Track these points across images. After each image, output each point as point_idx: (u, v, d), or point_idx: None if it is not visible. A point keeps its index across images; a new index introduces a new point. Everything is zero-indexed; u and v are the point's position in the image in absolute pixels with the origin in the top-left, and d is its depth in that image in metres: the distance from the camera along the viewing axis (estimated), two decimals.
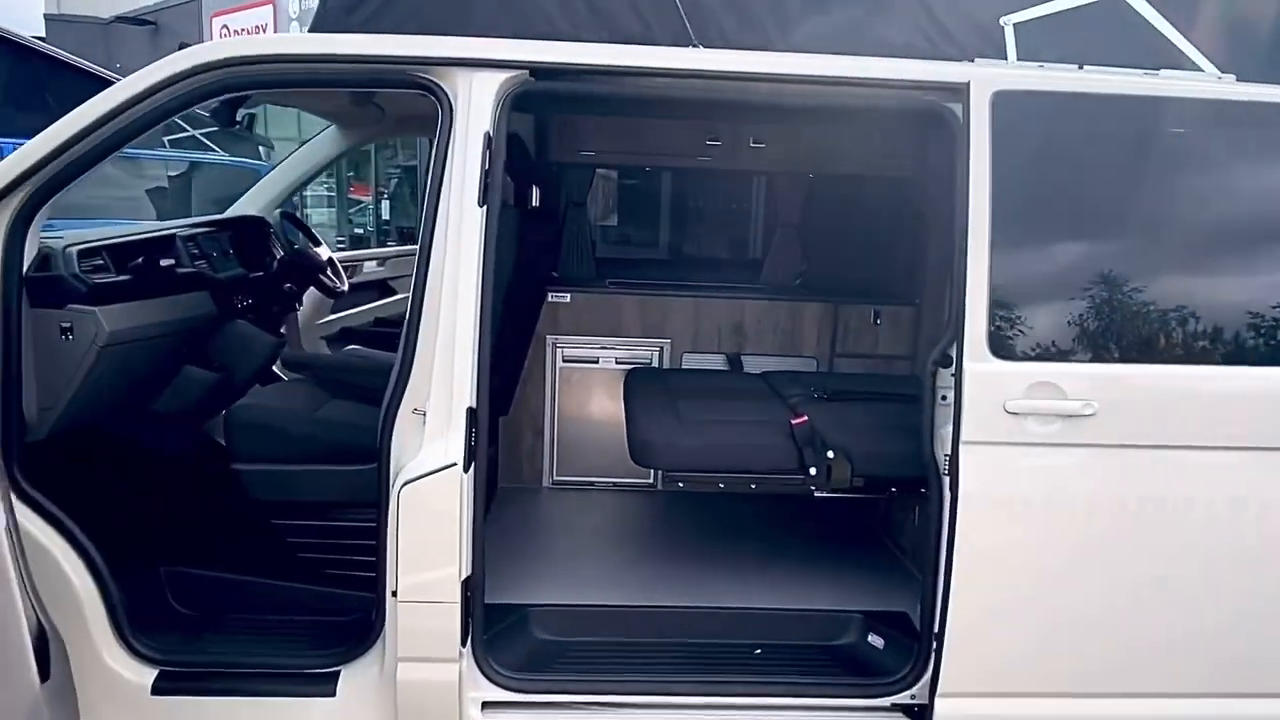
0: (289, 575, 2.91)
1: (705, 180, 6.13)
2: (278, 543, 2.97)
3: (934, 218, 3.81)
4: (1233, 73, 2.55)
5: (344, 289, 4.21)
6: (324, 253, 4.12)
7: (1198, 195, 2.46)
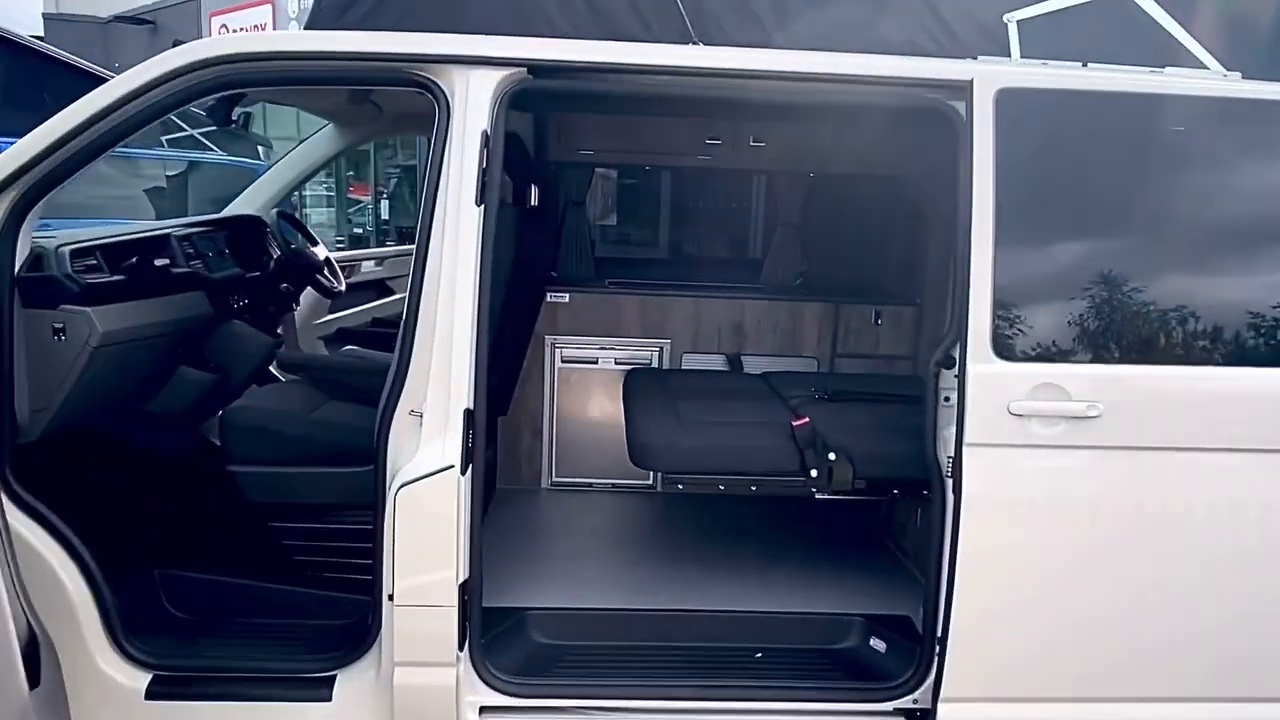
0: (285, 578, 2.89)
1: (705, 179, 6.12)
2: (274, 546, 2.96)
3: (936, 217, 3.79)
4: (1237, 70, 2.52)
5: (341, 289, 4.19)
6: (321, 252, 4.10)
7: (1203, 194, 2.45)
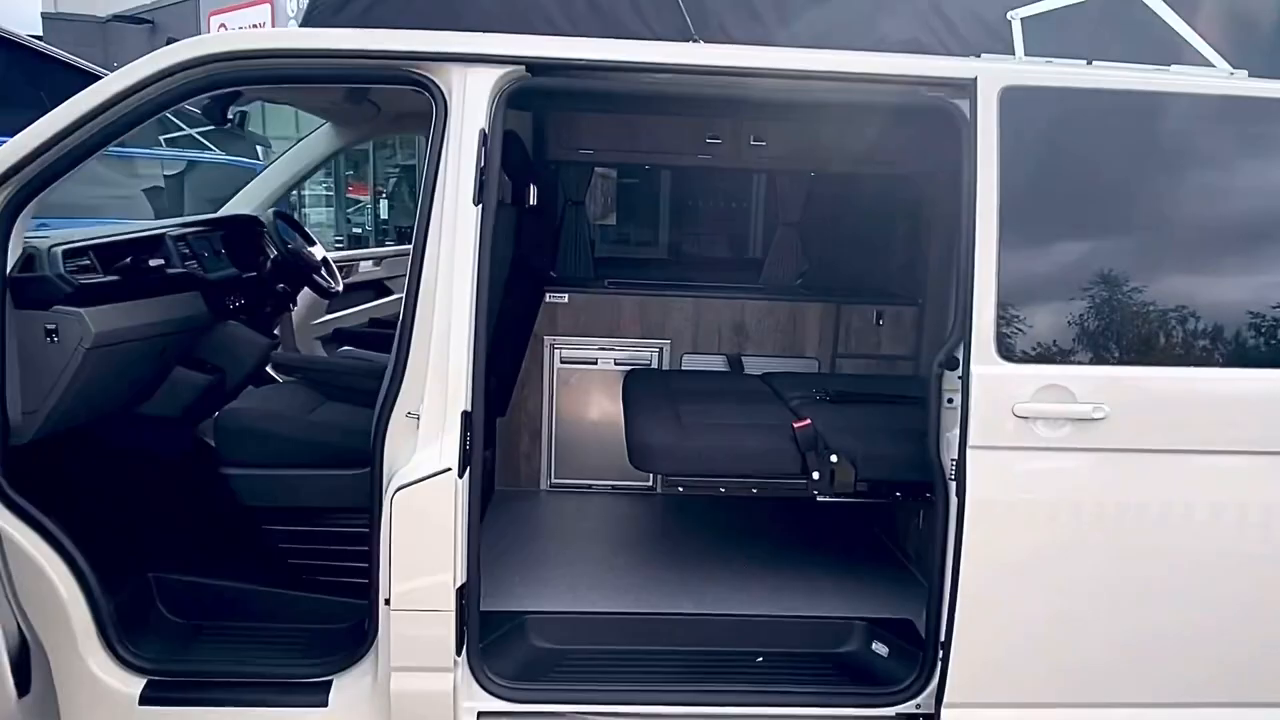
0: (281, 582, 2.87)
1: (705, 178, 6.09)
2: (269, 549, 2.93)
3: (939, 216, 3.77)
4: (1243, 68, 2.50)
5: (338, 289, 4.16)
6: (318, 252, 4.06)
7: (1210, 193, 2.42)
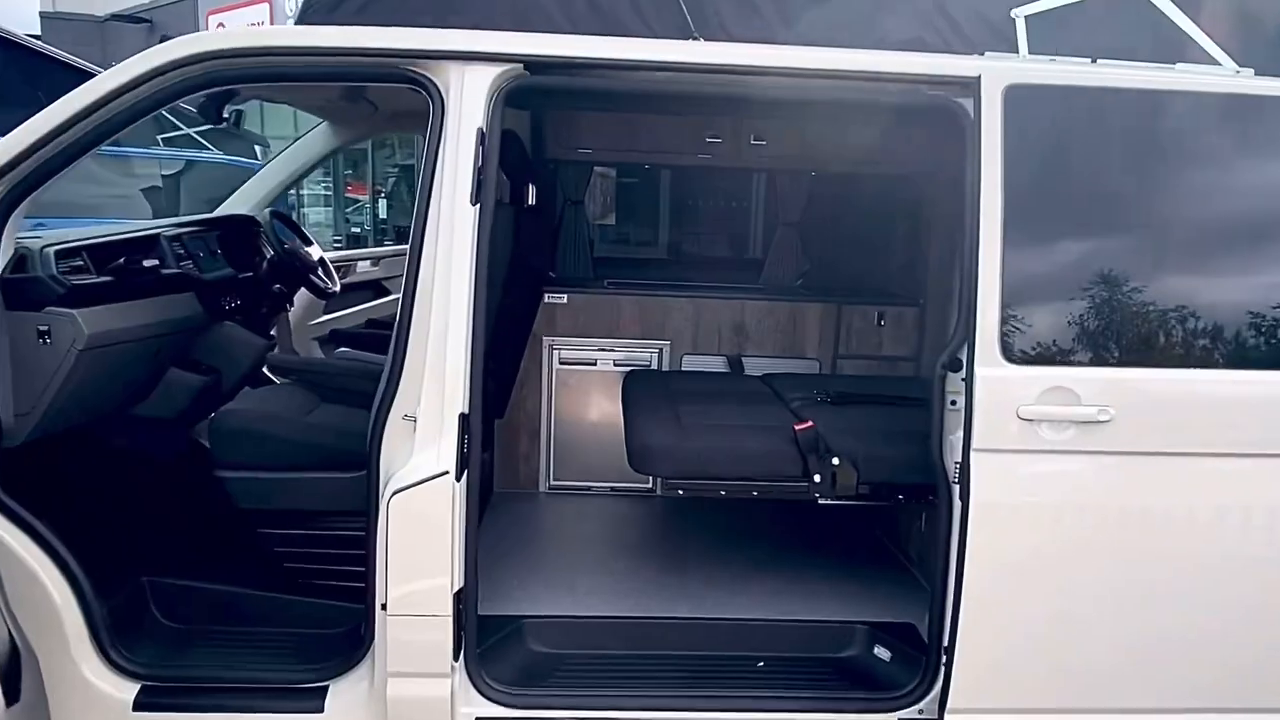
0: (276, 586, 2.84)
1: (705, 178, 6.06)
2: (265, 553, 2.90)
3: (942, 216, 3.74)
4: (1250, 66, 2.47)
5: (335, 290, 4.13)
6: (315, 252, 4.03)
7: (1216, 193, 2.40)
